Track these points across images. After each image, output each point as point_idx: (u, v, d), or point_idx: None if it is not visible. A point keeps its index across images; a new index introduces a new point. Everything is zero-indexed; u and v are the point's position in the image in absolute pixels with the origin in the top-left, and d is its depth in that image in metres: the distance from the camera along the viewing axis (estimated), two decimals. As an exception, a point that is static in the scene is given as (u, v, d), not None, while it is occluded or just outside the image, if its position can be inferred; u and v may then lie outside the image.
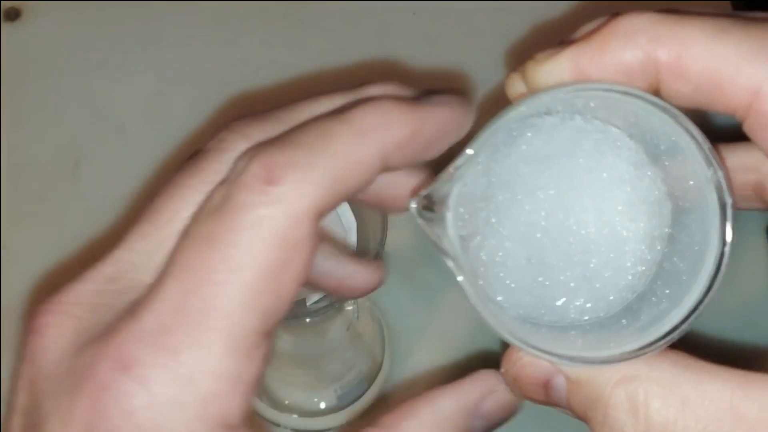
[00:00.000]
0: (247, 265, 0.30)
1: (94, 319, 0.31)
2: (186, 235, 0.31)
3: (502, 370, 0.35)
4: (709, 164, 0.32)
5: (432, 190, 0.32)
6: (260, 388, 0.59)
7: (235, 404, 0.30)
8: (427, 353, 0.61)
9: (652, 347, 0.31)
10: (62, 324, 0.31)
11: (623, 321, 0.33)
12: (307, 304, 0.52)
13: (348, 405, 0.59)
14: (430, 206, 0.32)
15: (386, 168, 0.32)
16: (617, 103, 0.32)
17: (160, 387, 0.29)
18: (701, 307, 0.32)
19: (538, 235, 0.34)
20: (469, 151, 0.32)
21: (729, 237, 0.31)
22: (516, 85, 0.34)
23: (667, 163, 0.34)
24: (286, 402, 0.59)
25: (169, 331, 0.30)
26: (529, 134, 0.34)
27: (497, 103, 0.33)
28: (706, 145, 0.32)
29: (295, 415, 0.59)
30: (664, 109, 0.32)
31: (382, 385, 0.60)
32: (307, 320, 0.55)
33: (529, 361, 0.34)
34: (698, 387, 0.31)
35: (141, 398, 0.29)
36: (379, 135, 0.32)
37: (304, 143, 0.31)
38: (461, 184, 0.32)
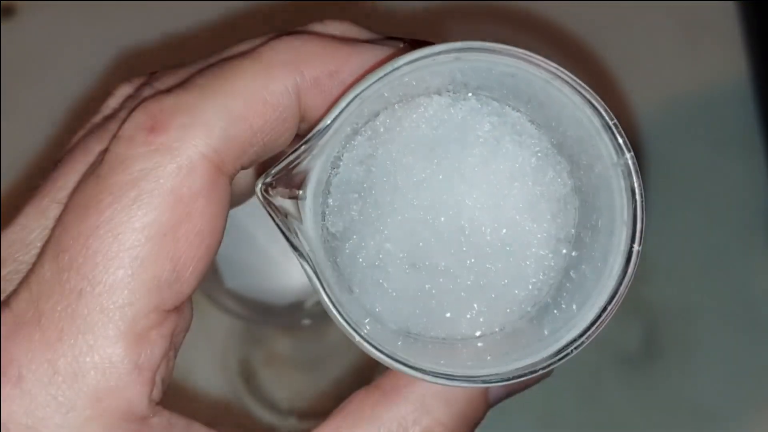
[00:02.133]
0: (132, 229, 0.25)
1: None
2: (65, 205, 0.27)
3: None
4: (620, 151, 0.26)
5: (283, 170, 0.27)
6: (259, 391, 0.57)
7: (137, 394, 0.26)
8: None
9: (550, 361, 0.27)
10: None
11: (522, 340, 0.28)
12: (306, 306, 0.50)
13: (350, 410, 0.56)
14: (283, 190, 0.27)
15: (305, 111, 0.28)
16: (517, 80, 0.27)
17: (39, 387, 0.25)
18: (605, 317, 0.27)
19: (425, 236, 0.28)
20: (327, 121, 0.27)
21: (639, 234, 0.27)
22: None
23: (573, 152, 0.28)
24: (285, 406, 0.57)
25: (43, 318, 0.25)
26: (414, 116, 0.29)
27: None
28: (616, 125, 0.26)
29: (293, 419, 0.57)
30: (571, 84, 0.27)
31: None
32: (305, 323, 0.53)
33: None
34: None
35: (18, 403, 0.25)
36: (291, 69, 0.28)
37: (198, 84, 0.27)
38: (323, 164, 0.27)
